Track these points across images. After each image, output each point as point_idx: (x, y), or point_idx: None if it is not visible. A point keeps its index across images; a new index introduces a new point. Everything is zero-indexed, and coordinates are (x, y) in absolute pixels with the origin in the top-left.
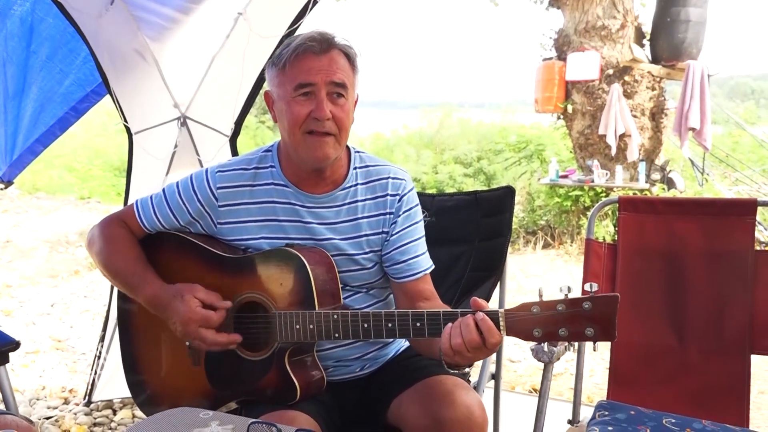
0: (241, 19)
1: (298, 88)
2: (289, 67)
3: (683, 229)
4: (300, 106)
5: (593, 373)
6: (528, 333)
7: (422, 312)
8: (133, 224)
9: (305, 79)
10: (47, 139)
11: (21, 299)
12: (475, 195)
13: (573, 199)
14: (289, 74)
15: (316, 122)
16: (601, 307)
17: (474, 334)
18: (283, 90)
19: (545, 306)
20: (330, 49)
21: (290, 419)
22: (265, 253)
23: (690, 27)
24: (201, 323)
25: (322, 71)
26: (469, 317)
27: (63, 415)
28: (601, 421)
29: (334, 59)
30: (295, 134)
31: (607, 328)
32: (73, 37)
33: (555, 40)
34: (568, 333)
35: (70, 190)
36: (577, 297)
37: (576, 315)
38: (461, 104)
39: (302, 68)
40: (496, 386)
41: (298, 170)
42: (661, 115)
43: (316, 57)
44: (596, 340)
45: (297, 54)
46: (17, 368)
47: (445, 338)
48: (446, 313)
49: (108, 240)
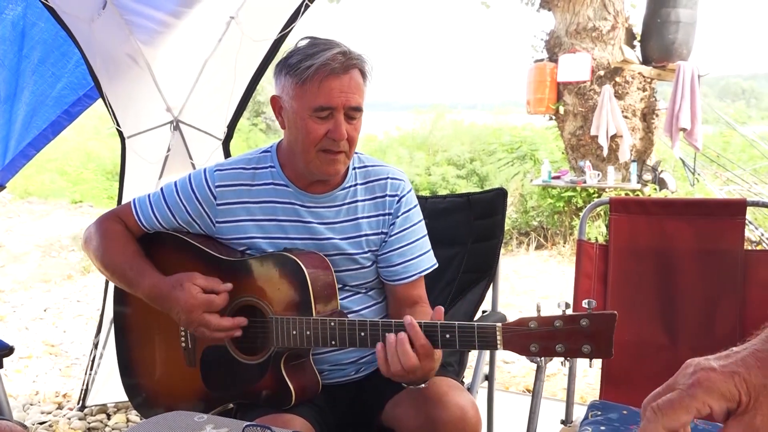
0: (233, 23)
1: (319, 110)
2: (310, 85)
3: (674, 230)
4: (317, 126)
5: (586, 373)
6: (525, 348)
7: (420, 323)
8: (130, 222)
9: (326, 103)
10: (40, 143)
11: (14, 304)
12: (468, 197)
13: (565, 199)
14: (309, 92)
15: (332, 142)
16: (599, 325)
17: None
18: (299, 104)
19: (543, 321)
20: (350, 69)
21: (285, 422)
22: (263, 256)
23: (680, 28)
24: (204, 308)
25: (342, 94)
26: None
27: (57, 420)
28: (594, 420)
29: (354, 79)
30: (310, 151)
31: (604, 346)
32: (65, 41)
33: (546, 41)
34: (565, 349)
35: (62, 195)
36: (574, 314)
37: (573, 332)
38: (454, 106)
39: (324, 89)
40: (489, 387)
41: (300, 174)
42: (652, 116)
43: (337, 78)
44: (593, 357)
45: (321, 74)
46: (10, 373)
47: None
48: (443, 325)
49: (105, 236)
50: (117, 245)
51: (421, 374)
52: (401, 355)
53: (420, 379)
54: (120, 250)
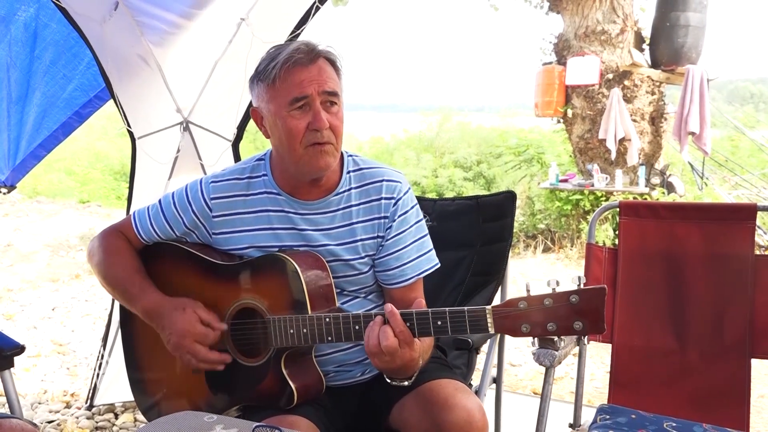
0: (244, 24)
1: (293, 102)
2: (280, 82)
3: (684, 234)
4: (296, 121)
5: (594, 377)
6: (516, 329)
7: (411, 312)
8: (131, 235)
9: (299, 93)
10: (50, 143)
11: (22, 303)
12: (477, 200)
13: (573, 203)
14: (280, 89)
15: (315, 134)
16: (589, 300)
17: (390, 335)
18: (275, 105)
19: (532, 301)
20: (317, 58)
21: (290, 424)
22: (258, 259)
23: (689, 31)
24: (197, 338)
25: (313, 82)
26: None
27: (65, 419)
28: (602, 424)
29: (323, 68)
30: (296, 149)
31: (595, 321)
32: (76, 43)
33: (555, 44)
34: (557, 327)
35: (71, 194)
36: (563, 291)
37: (564, 309)
38: (461, 108)
39: (294, 81)
40: (497, 390)
41: (291, 179)
42: (660, 120)
43: (305, 68)
44: (585, 333)
45: (287, 68)
46: (18, 372)
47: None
48: (435, 311)
49: (107, 251)
50: (119, 261)
51: (400, 362)
52: (381, 333)
53: (400, 370)
54: (122, 265)
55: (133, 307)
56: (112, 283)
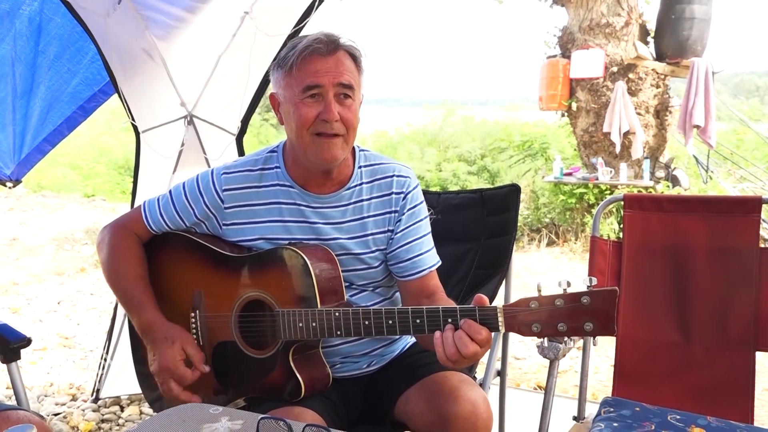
0: (248, 18)
1: (306, 90)
2: (296, 69)
3: (688, 227)
4: (308, 108)
5: (598, 370)
6: (527, 328)
7: (422, 309)
8: (140, 227)
9: (313, 81)
10: (55, 138)
11: (28, 296)
12: (481, 193)
13: (577, 196)
14: (296, 76)
15: (324, 124)
16: (600, 302)
17: (469, 344)
18: (290, 92)
19: (544, 301)
20: (336, 50)
21: (296, 415)
22: (268, 251)
23: (695, 24)
24: (174, 378)
25: (329, 73)
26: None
27: (71, 411)
28: (606, 417)
29: (341, 60)
30: (304, 136)
31: (605, 323)
32: (81, 37)
33: (559, 37)
34: (567, 328)
35: (75, 188)
36: (575, 292)
37: (575, 310)
38: (465, 102)
39: (309, 70)
40: (501, 383)
41: (304, 171)
42: (665, 113)
43: (322, 58)
44: (595, 335)
45: (304, 56)
46: (25, 365)
47: (439, 350)
48: (445, 309)
49: (113, 251)
50: (123, 266)
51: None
52: (458, 341)
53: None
54: (124, 273)
55: (131, 317)
56: (114, 285)
